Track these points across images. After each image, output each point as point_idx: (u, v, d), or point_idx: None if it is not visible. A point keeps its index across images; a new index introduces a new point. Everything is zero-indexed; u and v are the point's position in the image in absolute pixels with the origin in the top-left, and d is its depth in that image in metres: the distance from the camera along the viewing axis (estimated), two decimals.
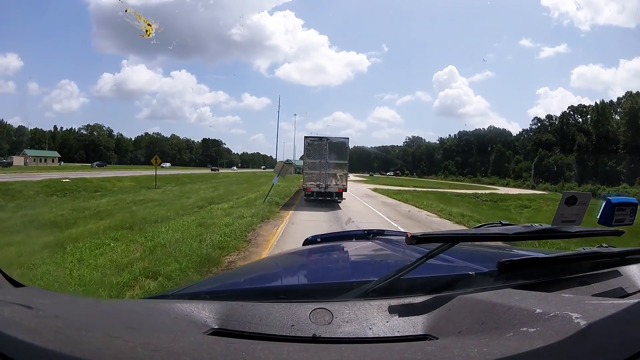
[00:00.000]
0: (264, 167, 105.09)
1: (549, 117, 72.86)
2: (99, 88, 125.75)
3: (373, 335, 0.63)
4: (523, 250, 1.27)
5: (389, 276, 0.78)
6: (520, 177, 65.88)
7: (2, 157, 56.80)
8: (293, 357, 0.49)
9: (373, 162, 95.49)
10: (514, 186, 58.51)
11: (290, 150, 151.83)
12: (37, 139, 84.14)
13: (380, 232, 1.77)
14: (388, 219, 11.01)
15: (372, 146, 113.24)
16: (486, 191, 35.20)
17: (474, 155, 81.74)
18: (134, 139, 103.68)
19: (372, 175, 73.91)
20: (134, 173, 36.18)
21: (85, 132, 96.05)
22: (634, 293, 0.86)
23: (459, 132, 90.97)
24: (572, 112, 67.38)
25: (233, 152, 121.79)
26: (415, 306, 0.71)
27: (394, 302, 0.72)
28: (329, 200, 14.56)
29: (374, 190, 27.35)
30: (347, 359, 0.50)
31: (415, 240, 0.76)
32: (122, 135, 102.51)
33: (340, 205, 14.52)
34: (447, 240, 0.84)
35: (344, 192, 14.82)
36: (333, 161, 14.56)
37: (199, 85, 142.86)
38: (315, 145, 14.60)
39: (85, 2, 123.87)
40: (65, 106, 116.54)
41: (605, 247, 1.08)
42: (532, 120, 79.12)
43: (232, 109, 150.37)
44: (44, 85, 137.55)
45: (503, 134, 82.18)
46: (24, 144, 75.43)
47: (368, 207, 15.10)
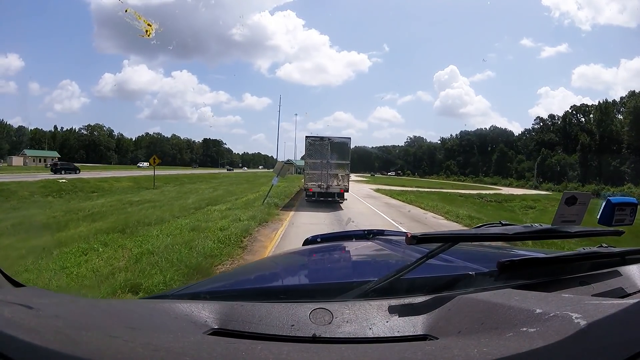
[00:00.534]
0: (262, 167, 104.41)
1: (551, 116, 72.65)
2: (100, 88, 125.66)
3: (373, 335, 0.63)
4: (523, 250, 1.28)
5: (389, 276, 0.78)
6: (522, 177, 65.42)
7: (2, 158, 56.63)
8: (293, 357, 0.49)
9: (374, 162, 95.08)
10: (517, 186, 58.05)
11: (291, 150, 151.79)
12: (37, 139, 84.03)
13: (380, 232, 1.76)
14: (393, 222, 10.54)
15: (373, 146, 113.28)
16: (490, 191, 34.74)
17: (475, 155, 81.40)
18: (134, 139, 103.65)
19: (374, 176, 73.50)
20: (133, 173, 35.77)
21: (86, 132, 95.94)
22: (634, 293, 0.85)
23: (461, 131, 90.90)
24: (574, 112, 66.95)
25: (234, 152, 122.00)
26: (415, 306, 0.71)
27: (394, 302, 0.72)
28: (330, 200, 14.21)
29: (377, 190, 26.82)
30: (347, 359, 0.50)
31: (415, 240, 0.76)
32: (122, 135, 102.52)
33: (342, 206, 14.11)
34: (447, 240, 0.84)
35: (345, 193, 14.46)
36: (334, 161, 14.22)
37: (200, 85, 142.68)
38: (317, 145, 14.25)
39: (86, 2, 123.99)
40: (66, 106, 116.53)
41: (605, 247, 1.06)
42: (534, 120, 79.01)
43: (233, 109, 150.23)
44: (45, 85, 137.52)
45: (505, 134, 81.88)
46: (24, 144, 75.26)
47: (371, 208, 14.61)
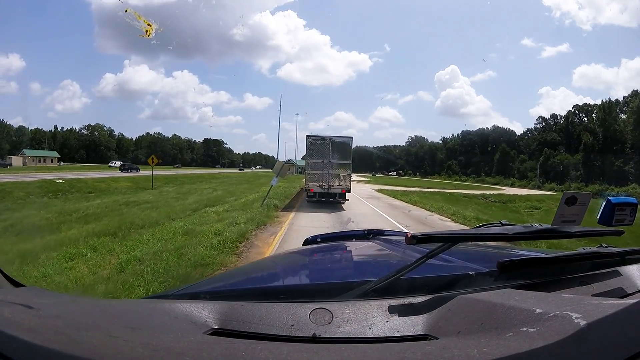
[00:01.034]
0: (260, 167, 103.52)
1: (553, 116, 72.30)
2: (101, 88, 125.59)
3: (373, 335, 0.63)
4: (523, 250, 1.30)
5: (389, 276, 0.78)
6: (525, 177, 64.88)
7: (1, 158, 56.48)
8: (293, 357, 0.49)
9: (375, 162, 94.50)
10: (519, 186, 57.55)
11: (292, 150, 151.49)
12: (38, 139, 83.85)
13: (380, 232, 1.76)
14: (398, 224, 10.08)
15: (374, 146, 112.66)
16: (493, 192, 34.24)
17: (477, 155, 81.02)
18: (135, 139, 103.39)
19: (375, 175, 73.00)
20: (130, 173, 35.37)
21: (86, 132, 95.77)
22: (634, 293, 0.85)
23: (462, 131, 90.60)
24: (576, 111, 66.42)
25: (235, 152, 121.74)
26: (415, 306, 0.70)
27: (394, 302, 0.72)
28: (332, 201, 13.81)
29: (379, 191, 26.32)
30: (347, 359, 0.50)
31: (415, 240, 0.75)
32: (123, 135, 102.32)
33: (343, 207, 13.68)
34: (447, 240, 0.84)
35: (347, 193, 14.04)
36: (336, 161, 13.82)
37: (201, 85, 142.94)
38: (318, 145, 13.83)
39: (87, 2, 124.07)
40: (67, 106, 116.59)
41: (605, 247, 1.06)
42: (536, 120, 78.59)
43: (234, 109, 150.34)
44: (46, 85, 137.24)
45: (507, 134, 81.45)
46: (24, 144, 75.06)
47: (374, 209, 14.13)
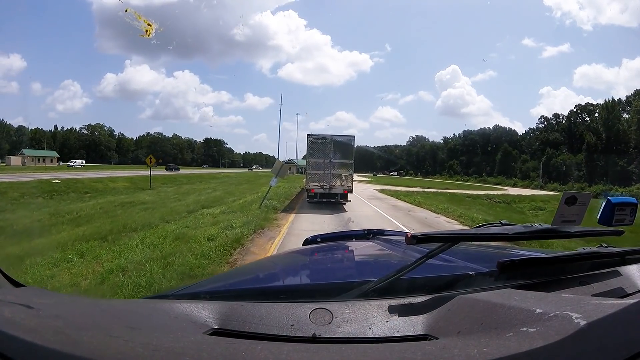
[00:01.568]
0: (256, 167, 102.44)
1: (555, 115, 71.78)
2: (102, 88, 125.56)
3: (373, 335, 0.63)
4: (523, 250, 1.30)
5: (389, 276, 0.78)
6: (527, 177, 64.36)
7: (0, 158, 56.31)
8: (293, 357, 0.49)
9: (376, 162, 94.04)
10: (522, 186, 57.07)
11: (293, 150, 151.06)
12: (38, 138, 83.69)
13: (381, 232, 1.75)
14: (404, 227, 9.56)
15: (375, 146, 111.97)
16: (496, 192, 33.76)
17: (479, 154, 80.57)
18: (135, 139, 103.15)
19: (376, 175, 72.58)
20: (131, 173, 34.99)
21: (86, 132, 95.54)
22: (634, 293, 0.85)
23: (464, 131, 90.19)
24: (579, 111, 65.93)
25: (235, 152, 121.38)
26: (415, 306, 0.70)
27: (394, 302, 0.72)
28: (333, 202, 13.35)
29: (381, 191, 25.77)
30: (347, 359, 0.50)
31: (415, 240, 0.75)
32: (123, 135, 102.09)
33: (345, 208, 13.23)
34: (447, 240, 0.84)
35: (349, 194, 13.57)
36: (338, 161, 13.37)
37: (202, 85, 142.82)
38: (319, 144, 13.38)
39: (88, 3, 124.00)
40: (68, 106, 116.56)
41: (605, 247, 1.06)
42: (538, 119, 77.93)
43: (235, 109, 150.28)
44: (47, 85, 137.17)
45: (509, 133, 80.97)
46: (24, 144, 74.88)
47: (377, 211, 13.60)
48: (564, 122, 68.25)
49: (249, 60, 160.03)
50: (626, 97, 58.22)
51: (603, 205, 0.97)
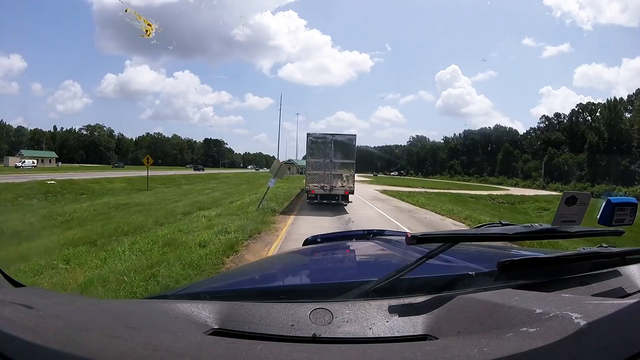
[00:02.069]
0: (252, 167, 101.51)
1: (557, 115, 71.55)
2: (102, 89, 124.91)
3: (373, 335, 0.63)
4: (523, 250, 1.32)
5: (389, 276, 0.78)
6: (529, 177, 63.93)
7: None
8: (293, 357, 0.49)
9: (376, 162, 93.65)
10: (523, 186, 56.71)
11: (293, 150, 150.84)
12: (37, 139, 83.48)
13: (381, 232, 1.74)
14: (410, 231, 9.09)
15: (375, 146, 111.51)
16: (498, 192, 33.43)
17: (480, 154, 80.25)
18: (135, 139, 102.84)
19: (376, 175, 72.19)
20: (127, 174, 34.60)
21: (86, 132, 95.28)
22: (634, 293, 0.85)
23: (464, 131, 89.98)
24: (580, 110, 65.59)
25: (235, 152, 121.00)
26: (415, 306, 0.71)
27: (394, 302, 0.72)
28: (334, 203, 12.90)
29: (383, 192, 25.27)
30: (347, 359, 0.50)
31: (415, 240, 0.76)
32: (122, 135, 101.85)
33: (347, 210, 12.80)
34: (447, 240, 0.84)
35: (350, 195, 13.13)
36: (338, 160, 12.92)
37: (202, 85, 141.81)
38: (319, 143, 12.93)
39: (88, 3, 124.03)
40: (68, 107, 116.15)
41: (605, 247, 1.06)
42: (539, 119, 77.59)
43: (235, 109, 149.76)
44: (47, 86, 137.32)
45: (510, 133, 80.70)
46: (23, 145, 74.70)
47: (380, 213, 13.11)
48: (565, 121, 68.02)
49: (249, 60, 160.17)
50: (628, 96, 58.23)
51: (603, 205, 0.97)
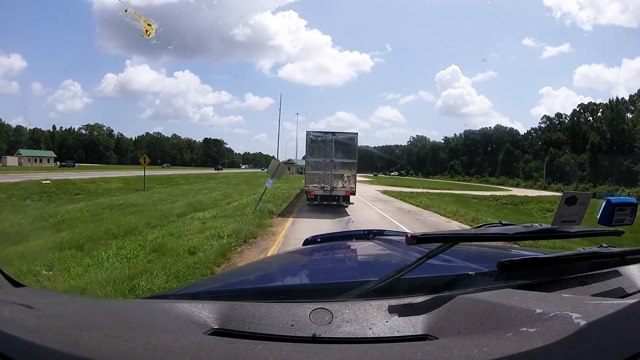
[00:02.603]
0: (245, 167, 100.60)
1: (558, 115, 71.27)
2: (103, 88, 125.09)
3: (373, 335, 0.63)
4: (523, 250, 1.33)
5: (389, 276, 0.78)
6: (530, 177, 63.49)
7: None
8: (293, 357, 0.49)
9: (376, 162, 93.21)
10: (525, 187, 56.30)
11: (293, 149, 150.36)
12: (36, 138, 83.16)
13: (380, 232, 1.75)
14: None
15: (375, 146, 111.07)
16: (501, 192, 32.97)
17: (480, 154, 79.89)
18: (134, 139, 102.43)
19: (377, 175, 71.75)
20: (125, 173, 34.17)
21: (85, 132, 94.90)
22: (634, 293, 0.85)
23: (465, 131, 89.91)
24: (581, 110, 65.23)
25: (235, 152, 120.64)
26: (415, 306, 0.71)
27: (394, 302, 0.72)
28: (334, 205, 12.41)
29: (384, 192, 24.81)
30: (347, 359, 0.50)
31: (415, 240, 0.76)
32: (122, 135, 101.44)
33: (348, 211, 12.32)
34: (447, 240, 0.84)
35: (352, 196, 12.64)
36: (339, 160, 12.39)
37: (202, 85, 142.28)
38: (319, 142, 12.40)
39: (88, 3, 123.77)
40: (68, 106, 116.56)
41: (605, 247, 1.06)
42: (541, 119, 77.26)
43: (235, 109, 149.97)
44: (47, 85, 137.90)
45: (510, 133, 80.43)
46: (22, 144, 74.41)
47: (383, 215, 12.59)
48: (566, 121, 67.70)
49: (249, 60, 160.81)
50: (630, 96, 57.88)
51: (603, 206, 0.97)
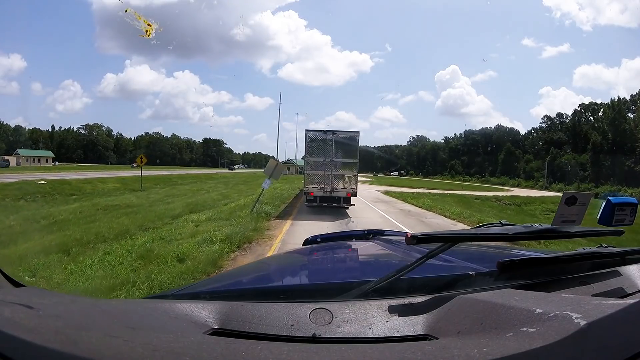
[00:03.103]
0: (238, 167, 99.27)
1: (559, 115, 70.93)
2: (102, 88, 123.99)
3: (373, 335, 0.63)
4: (523, 250, 1.33)
5: (389, 276, 0.78)
6: (531, 178, 63.13)
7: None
8: (293, 357, 0.49)
9: (376, 162, 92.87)
10: (526, 187, 55.94)
11: (293, 149, 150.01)
12: (35, 138, 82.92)
13: (380, 232, 1.75)
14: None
15: (375, 146, 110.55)
16: (503, 193, 32.62)
17: (481, 154, 79.58)
18: (133, 139, 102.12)
19: (377, 175, 71.43)
20: (123, 173, 33.79)
21: (84, 132, 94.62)
22: (634, 293, 0.85)
23: (465, 131, 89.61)
24: (583, 110, 64.98)
25: (235, 152, 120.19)
26: (415, 306, 0.71)
27: (394, 302, 0.72)
28: (335, 206, 11.91)
29: (385, 193, 24.35)
30: (347, 359, 0.50)
31: (415, 240, 0.75)
32: (121, 135, 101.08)
33: (349, 213, 11.88)
34: (447, 240, 0.84)
35: (353, 197, 12.11)
36: (340, 160, 11.89)
37: (202, 85, 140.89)
38: (319, 141, 11.88)
39: (88, 3, 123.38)
40: (68, 106, 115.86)
41: (605, 247, 1.06)
42: (541, 119, 76.89)
43: (235, 109, 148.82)
44: (47, 85, 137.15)
45: (511, 133, 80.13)
46: (21, 144, 74.18)
47: (386, 217, 12.11)
48: (567, 121, 67.46)
49: (249, 60, 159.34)
50: (631, 96, 57.64)
51: (603, 206, 0.96)
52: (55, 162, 68.38)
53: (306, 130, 12.14)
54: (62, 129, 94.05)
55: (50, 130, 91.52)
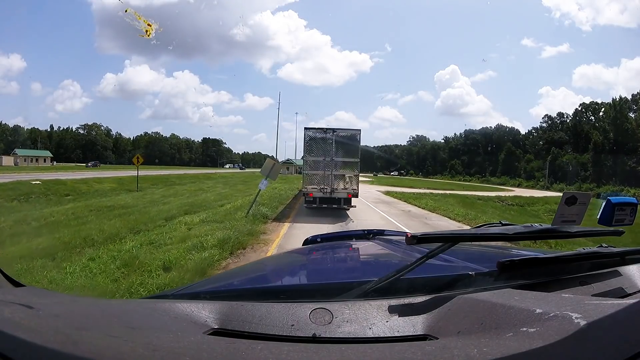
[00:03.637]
0: (230, 166, 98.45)
1: (560, 114, 70.77)
2: (102, 88, 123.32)
3: (373, 335, 0.63)
4: (523, 250, 1.31)
5: (389, 276, 0.78)
6: (532, 177, 62.82)
7: None
8: (293, 357, 0.49)
9: (376, 162, 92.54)
10: (527, 187, 55.63)
11: (293, 149, 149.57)
12: (34, 138, 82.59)
13: (380, 232, 1.75)
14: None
15: (375, 145, 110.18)
16: (505, 193, 32.29)
17: (481, 154, 79.35)
18: (133, 139, 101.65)
19: (377, 175, 71.15)
20: (121, 173, 33.39)
21: (83, 132, 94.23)
22: (634, 293, 0.85)
23: (465, 130, 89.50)
24: (583, 110, 64.76)
25: (234, 151, 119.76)
26: (415, 306, 0.70)
27: (394, 302, 0.71)
28: (335, 208, 11.44)
29: (386, 193, 23.91)
30: (347, 358, 0.50)
31: (416, 240, 0.75)
32: (120, 134, 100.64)
33: (350, 215, 11.48)
34: (447, 240, 0.83)
35: (354, 198, 11.59)
36: (341, 159, 11.37)
37: (201, 85, 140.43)
38: (319, 139, 11.36)
39: (88, 3, 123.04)
40: (67, 106, 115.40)
41: (605, 247, 1.05)
42: (542, 118, 76.67)
43: (234, 109, 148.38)
44: (47, 85, 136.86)
45: (511, 133, 79.99)
46: (19, 144, 73.85)
47: (389, 219, 11.66)
48: (568, 121, 67.25)
49: (248, 60, 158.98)
50: (632, 95, 57.47)
51: (603, 206, 0.96)
52: (53, 162, 68.01)
53: (305, 128, 11.65)
54: (61, 128, 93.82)
55: (48, 130, 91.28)
